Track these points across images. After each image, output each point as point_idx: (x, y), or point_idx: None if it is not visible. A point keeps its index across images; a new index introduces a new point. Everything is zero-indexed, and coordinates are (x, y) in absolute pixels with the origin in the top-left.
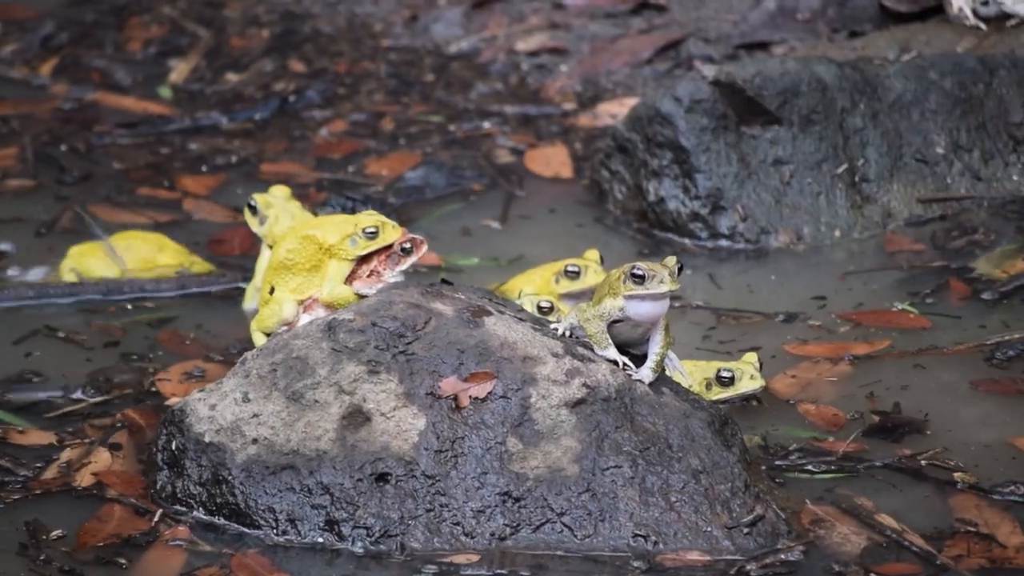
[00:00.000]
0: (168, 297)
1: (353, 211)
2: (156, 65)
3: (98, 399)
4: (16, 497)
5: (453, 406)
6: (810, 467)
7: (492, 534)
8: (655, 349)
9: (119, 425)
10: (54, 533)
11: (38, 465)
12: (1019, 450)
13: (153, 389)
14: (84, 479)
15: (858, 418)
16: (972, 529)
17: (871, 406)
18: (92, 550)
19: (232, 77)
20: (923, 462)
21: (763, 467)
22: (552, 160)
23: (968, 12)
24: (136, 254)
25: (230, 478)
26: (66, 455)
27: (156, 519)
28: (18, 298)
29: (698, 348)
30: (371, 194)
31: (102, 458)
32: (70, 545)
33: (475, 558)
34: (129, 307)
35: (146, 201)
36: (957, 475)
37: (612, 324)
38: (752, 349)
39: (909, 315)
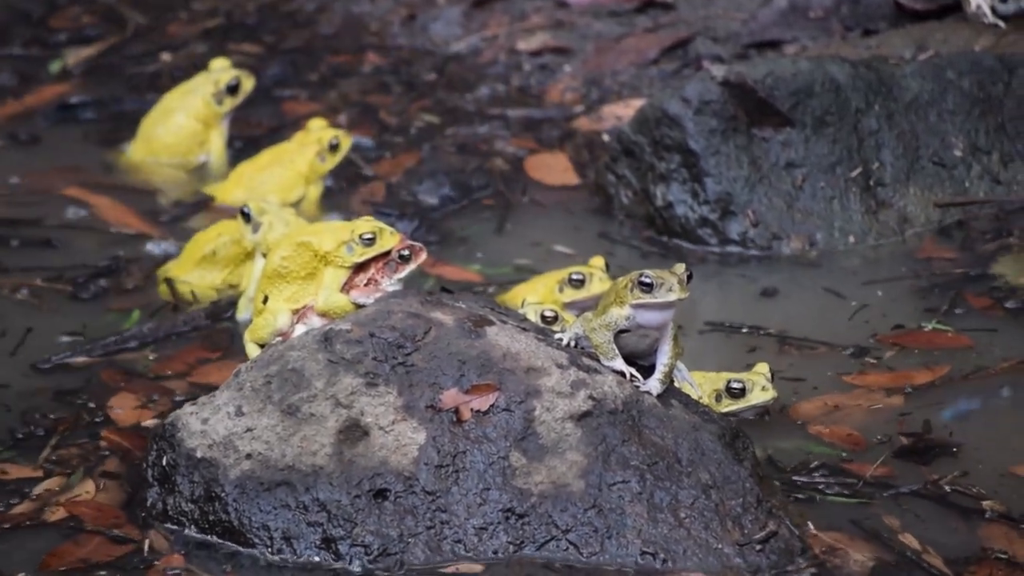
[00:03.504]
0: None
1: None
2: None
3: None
4: None
5: (454, 419)
6: (830, 486)
7: (495, 552)
8: (663, 360)
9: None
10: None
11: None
12: None
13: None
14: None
15: (886, 441)
16: (1002, 556)
17: (900, 428)
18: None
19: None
20: (947, 488)
21: (776, 482)
22: (555, 164)
23: (986, 10)
24: None
25: (223, 495)
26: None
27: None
28: None
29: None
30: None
31: (85, 487)
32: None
33: (478, 568)
34: None
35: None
36: (987, 503)
37: (619, 334)
38: (797, 379)
39: (947, 334)
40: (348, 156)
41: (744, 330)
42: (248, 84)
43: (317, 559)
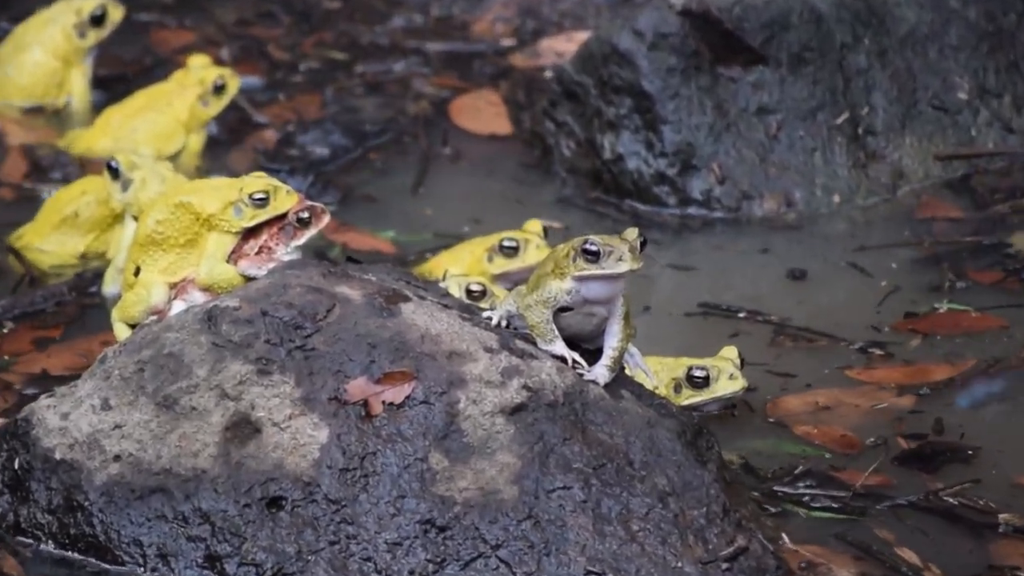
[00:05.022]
0: None
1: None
2: None
3: None
4: None
5: (362, 414)
6: (815, 497)
7: (411, 572)
8: (612, 343)
9: None
10: None
11: None
12: None
13: None
14: None
15: (881, 444)
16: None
17: (900, 429)
18: None
19: None
20: (952, 500)
21: (749, 489)
22: (483, 109)
23: None
24: None
25: (87, 504)
26: None
27: None
28: None
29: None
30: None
31: None
32: None
33: None
34: None
35: None
36: (1002, 516)
37: (559, 312)
38: (789, 375)
39: (970, 314)
40: (235, 100)
41: (706, 311)
42: (116, 14)
43: None
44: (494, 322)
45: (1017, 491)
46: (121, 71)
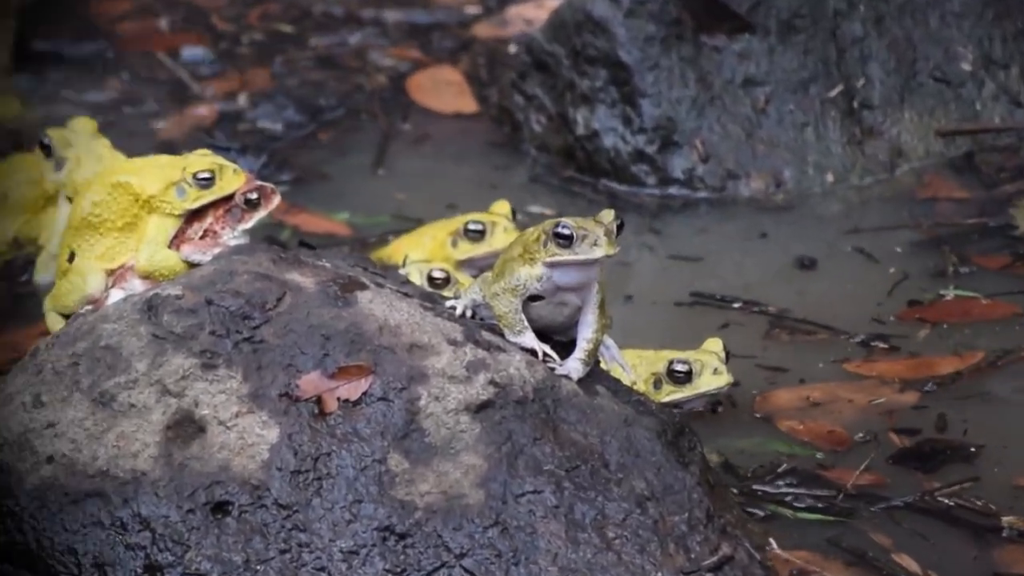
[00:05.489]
0: None
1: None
2: None
3: None
4: None
5: (315, 412)
6: (801, 497)
7: None
8: (586, 334)
9: None
10: None
11: None
12: None
13: None
14: None
15: (870, 440)
16: None
17: (890, 423)
18: None
19: None
20: (948, 500)
21: (734, 492)
22: (446, 83)
23: None
24: None
25: (17, 509)
26: None
27: None
28: None
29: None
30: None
31: None
32: None
33: None
34: None
35: None
36: (1005, 520)
37: (528, 301)
38: (780, 369)
39: (980, 301)
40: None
41: (696, 300)
42: None
43: None
44: (458, 312)
45: (1021, 492)
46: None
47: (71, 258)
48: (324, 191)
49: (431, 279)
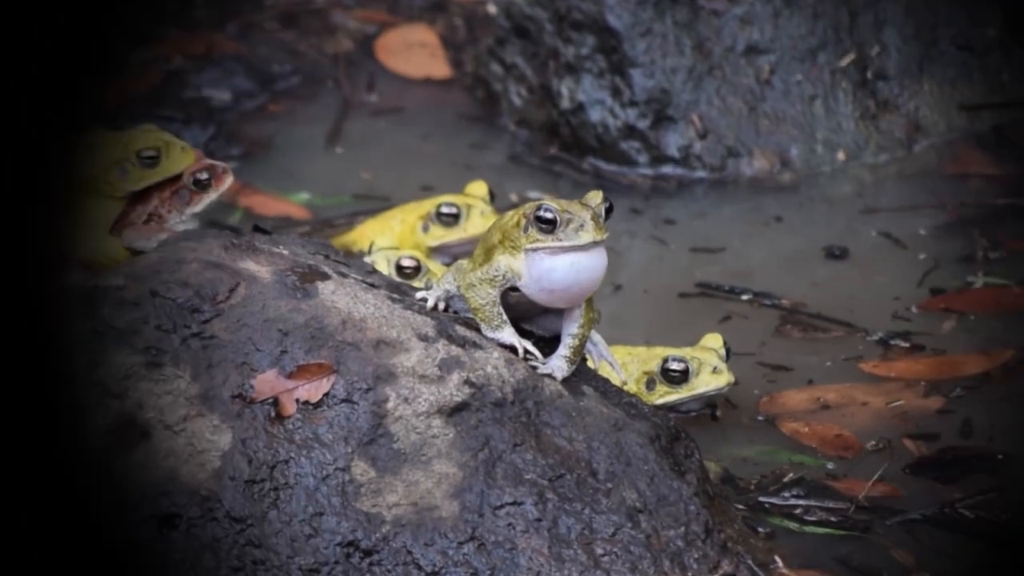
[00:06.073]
0: None
1: None
2: None
3: None
4: None
5: (272, 415)
6: (810, 509)
7: None
8: (572, 330)
9: None
10: None
11: None
12: None
13: None
14: None
15: (883, 447)
16: None
17: (906, 429)
18: None
19: None
20: (968, 512)
21: (735, 504)
22: (417, 47)
23: None
24: None
25: None
26: None
27: None
28: None
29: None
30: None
31: None
32: None
33: None
34: None
35: None
36: None
37: (508, 292)
38: (785, 368)
39: (1012, 290)
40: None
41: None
42: None
43: None
44: (430, 304)
45: None
46: None
47: None
48: (279, 169)
49: (400, 268)
